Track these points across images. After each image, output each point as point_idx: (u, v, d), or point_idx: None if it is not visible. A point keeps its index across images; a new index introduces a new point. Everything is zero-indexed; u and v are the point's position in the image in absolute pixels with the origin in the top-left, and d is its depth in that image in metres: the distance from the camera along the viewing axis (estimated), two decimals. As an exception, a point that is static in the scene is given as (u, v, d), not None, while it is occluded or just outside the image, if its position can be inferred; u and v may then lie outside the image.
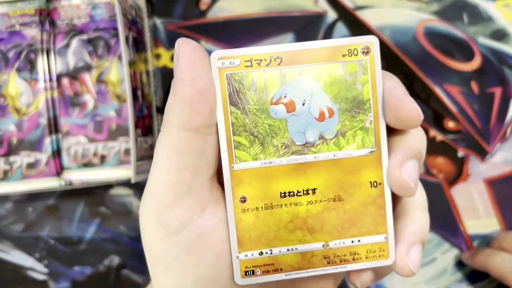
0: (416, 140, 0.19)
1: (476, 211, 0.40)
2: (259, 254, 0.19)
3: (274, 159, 0.19)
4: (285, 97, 0.19)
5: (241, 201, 0.19)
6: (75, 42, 0.34)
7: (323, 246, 0.20)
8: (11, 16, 0.34)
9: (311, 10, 0.40)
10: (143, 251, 0.40)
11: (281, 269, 0.20)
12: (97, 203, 0.40)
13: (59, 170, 0.34)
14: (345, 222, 0.20)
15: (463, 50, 0.40)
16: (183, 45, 0.17)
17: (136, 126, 0.32)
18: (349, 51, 0.18)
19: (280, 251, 0.20)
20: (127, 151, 0.34)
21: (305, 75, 0.19)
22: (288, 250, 0.20)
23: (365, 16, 0.40)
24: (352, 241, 0.20)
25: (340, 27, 0.40)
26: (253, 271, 0.19)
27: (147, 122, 0.35)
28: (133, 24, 0.34)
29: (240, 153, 0.19)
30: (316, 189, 0.19)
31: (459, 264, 0.40)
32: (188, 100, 0.17)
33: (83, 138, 0.34)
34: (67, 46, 0.34)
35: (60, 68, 0.34)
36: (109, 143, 0.34)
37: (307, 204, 0.19)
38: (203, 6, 0.40)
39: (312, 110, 0.19)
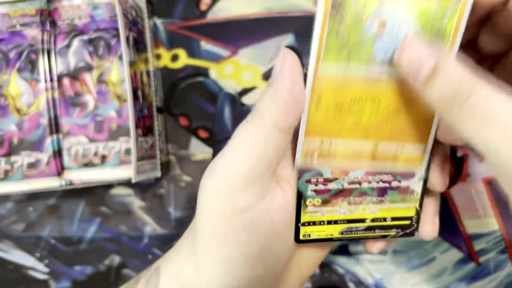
0: (449, 149, 0.24)
1: (475, 211, 0.40)
2: (320, 142, 0.23)
3: (354, 67, 0.21)
4: (378, 18, 0.20)
5: (317, 100, 0.22)
6: (75, 42, 0.34)
7: (373, 146, 0.23)
8: (12, 16, 0.34)
9: (311, 10, 0.40)
10: (143, 250, 0.40)
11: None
12: (97, 203, 0.40)
13: (60, 170, 0.34)
14: (396, 130, 0.23)
15: (463, 50, 0.40)
16: (288, 56, 0.20)
17: (137, 126, 0.32)
18: None
19: (337, 144, 0.23)
20: (127, 151, 0.34)
21: (402, 3, 0.20)
22: (344, 144, 0.23)
23: (365, 16, 0.40)
24: (397, 147, 0.23)
25: (340, 28, 0.40)
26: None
27: (147, 122, 0.35)
28: (133, 24, 0.34)
29: (327, 55, 0.21)
30: (381, 101, 0.22)
31: (459, 264, 0.40)
32: (285, 103, 0.20)
33: (84, 138, 0.34)
34: (67, 46, 0.34)
35: (60, 68, 0.34)
36: (110, 143, 0.34)
37: (370, 113, 0.22)
38: (203, 6, 0.40)
39: (399, 35, 0.21)
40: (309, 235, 0.24)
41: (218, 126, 0.40)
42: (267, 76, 0.40)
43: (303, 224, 0.23)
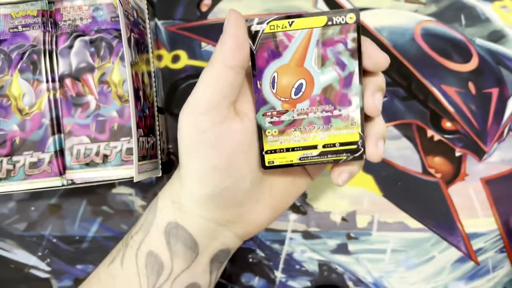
0: (381, 79, 0.27)
1: (474, 210, 0.40)
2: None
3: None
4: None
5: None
6: (77, 43, 0.35)
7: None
8: (14, 17, 0.35)
9: (310, 11, 0.40)
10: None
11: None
12: (99, 202, 0.41)
13: (62, 170, 0.35)
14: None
15: (461, 51, 0.40)
16: (232, 13, 0.26)
17: (138, 126, 0.32)
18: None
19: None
20: (129, 151, 0.35)
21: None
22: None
23: (364, 17, 0.40)
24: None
25: (339, 28, 0.40)
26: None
27: (148, 122, 0.35)
28: (134, 25, 0.34)
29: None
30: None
31: (457, 263, 0.40)
32: (230, 46, 0.26)
33: (86, 138, 0.35)
34: (69, 47, 0.35)
35: (62, 69, 0.34)
36: (111, 143, 0.35)
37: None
38: (204, 7, 0.41)
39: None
40: (273, 162, 0.28)
41: (219, 126, 0.40)
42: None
43: (266, 152, 0.28)
